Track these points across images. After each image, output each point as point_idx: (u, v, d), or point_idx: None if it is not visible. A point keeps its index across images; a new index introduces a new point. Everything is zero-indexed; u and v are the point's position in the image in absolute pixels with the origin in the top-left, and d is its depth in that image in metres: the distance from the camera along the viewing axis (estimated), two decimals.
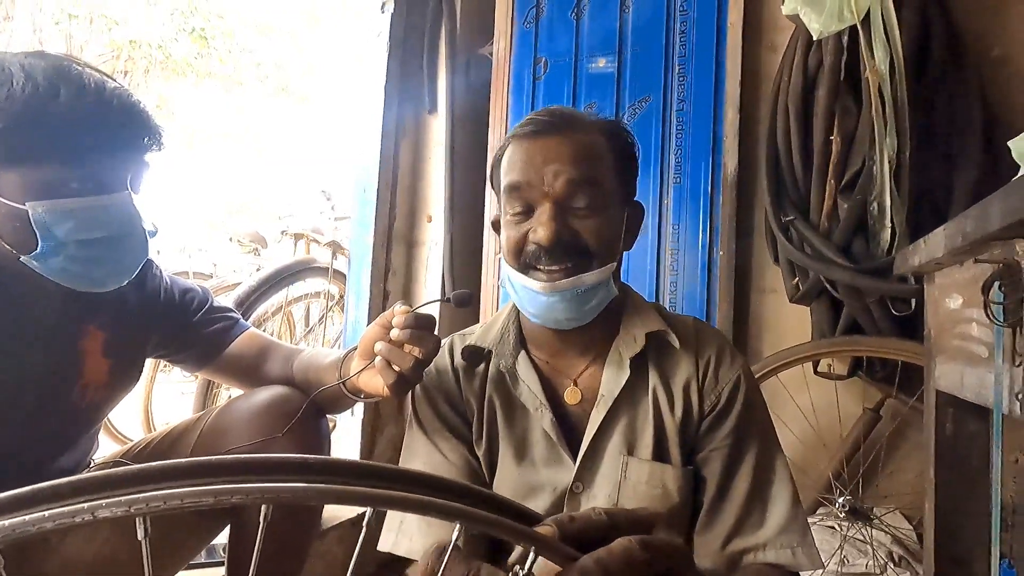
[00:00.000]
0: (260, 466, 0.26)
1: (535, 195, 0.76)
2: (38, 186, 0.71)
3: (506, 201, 0.79)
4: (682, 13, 1.70)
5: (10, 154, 0.70)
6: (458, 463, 0.82)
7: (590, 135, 0.79)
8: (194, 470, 0.26)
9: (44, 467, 0.87)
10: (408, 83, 1.83)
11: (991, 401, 0.74)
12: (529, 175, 0.76)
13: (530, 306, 0.79)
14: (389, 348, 0.75)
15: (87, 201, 0.74)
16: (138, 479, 0.25)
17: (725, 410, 0.80)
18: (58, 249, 0.74)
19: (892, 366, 1.49)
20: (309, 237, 2.54)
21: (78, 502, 0.24)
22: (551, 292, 0.75)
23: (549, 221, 0.74)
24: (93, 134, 0.73)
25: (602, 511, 0.33)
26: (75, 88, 0.71)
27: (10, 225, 0.72)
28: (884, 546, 1.46)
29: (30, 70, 0.70)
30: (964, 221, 0.73)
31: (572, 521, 0.31)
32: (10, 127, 0.68)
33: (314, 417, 0.93)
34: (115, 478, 0.25)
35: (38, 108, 0.69)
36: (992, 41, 1.55)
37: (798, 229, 1.55)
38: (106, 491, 0.24)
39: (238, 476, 0.26)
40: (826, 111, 1.49)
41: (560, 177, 0.75)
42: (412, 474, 0.28)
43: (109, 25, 6.17)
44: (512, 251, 0.78)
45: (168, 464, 0.26)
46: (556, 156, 0.75)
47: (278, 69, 7.56)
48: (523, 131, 0.79)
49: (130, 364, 0.95)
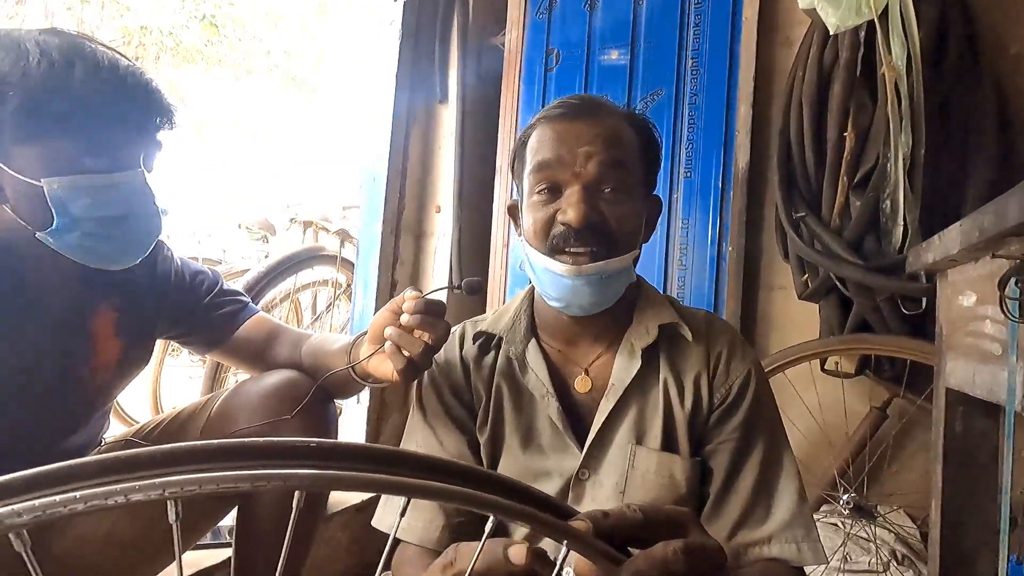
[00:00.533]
0: (291, 450, 0.26)
1: (565, 175, 0.75)
2: (53, 162, 0.72)
3: (533, 181, 0.78)
4: (697, 6, 1.69)
5: (26, 130, 0.70)
6: (454, 453, 0.82)
7: (620, 122, 0.79)
8: (224, 452, 0.25)
9: (55, 446, 0.88)
10: (419, 72, 1.83)
11: (1003, 398, 0.74)
12: (561, 153, 0.75)
13: (552, 290, 0.78)
14: (399, 333, 0.75)
15: (101, 178, 0.75)
16: (167, 460, 0.24)
17: (735, 403, 0.79)
18: (73, 225, 0.74)
19: (900, 365, 1.49)
20: (318, 225, 2.55)
21: (106, 482, 0.23)
22: (576, 276, 0.75)
23: (579, 203, 0.74)
24: (107, 110, 0.73)
25: (637, 508, 0.32)
26: (90, 65, 0.72)
27: (26, 202, 0.73)
28: (887, 544, 1.46)
29: (45, 46, 0.70)
30: (982, 217, 0.72)
31: (606, 517, 0.31)
32: (26, 102, 0.69)
33: (322, 402, 0.94)
34: (144, 458, 0.24)
35: (53, 84, 0.69)
36: (1009, 39, 1.53)
37: (809, 225, 1.54)
38: (135, 472, 0.24)
39: (267, 460, 0.25)
40: (841, 106, 1.48)
41: (592, 159, 0.74)
42: (449, 465, 0.28)
43: (121, 11, 6.19)
44: (538, 233, 0.77)
45: (198, 445, 0.25)
46: (589, 138, 0.75)
47: (288, 58, 7.56)
48: (554, 113, 0.78)
49: (141, 344, 0.95)
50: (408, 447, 0.86)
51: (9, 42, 0.70)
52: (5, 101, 0.68)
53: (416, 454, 0.27)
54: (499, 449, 0.84)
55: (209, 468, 0.24)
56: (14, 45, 0.70)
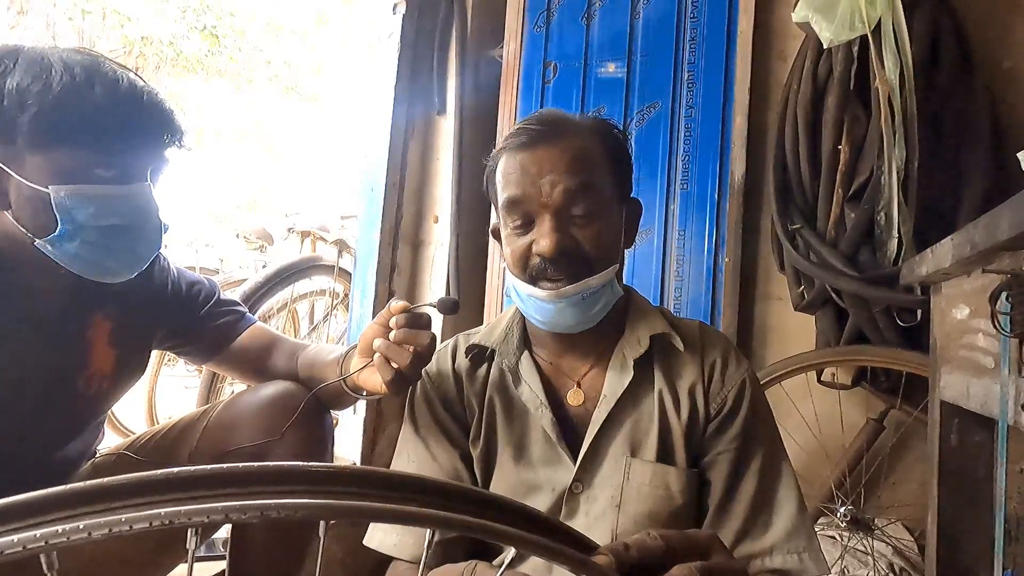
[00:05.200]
0: (306, 476, 0.25)
1: (534, 207, 0.76)
2: (63, 171, 0.73)
3: (505, 215, 0.79)
4: (693, 20, 1.70)
5: (39, 139, 0.72)
6: (446, 466, 0.82)
7: (582, 139, 0.79)
8: (237, 478, 0.24)
9: (50, 455, 0.87)
10: (418, 83, 1.84)
11: (997, 412, 0.74)
12: (526, 188, 0.76)
13: (537, 314, 0.80)
14: (387, 345, 0.76)
15: (109, 189, 0.76)
16: (178, 486, 0.24)
17: (731, 413, 0.79)
18: (75, 234, 0.75)
19: (896, 376, 1.49)
20: (315, 235, 2.55)
21: (118, 509, 0.23)
22: (557, 299, 0.76)
23: (551, 232, 0.75)
24: (121, 126, 0.76)
25: (657, 535, 0.32)
26: (109, 82, 0.75)
27: (30, 208, 0.74)
28: (885, 557, 1.45)
29: (68, 62, 0.73)
30: (973, 231, 0.73)
31: (627, 550, 0.31)
32: (44, 112, 0.70)
33: (318, 413, 0.93)
34: (158, 482, 0.24)
35: (73, 97, 0.72)
36: (1003, 53, 1.54)
37: (804, 237, 1.54)
38: (141, 497, 0.23)
39: (292, 487, 0.25)
40: (835, 119, 1.49)
41: (557, 187, 0.75)
42: (469, 493, 0.28)
43: (121, 21, 6.22)
44: (517, 263, 0.79)
45: (215, 470, 0.25)
46: (551, 166, 0.75)
47: (287, 68, 7.60)
48: (515, 143, 0.79)
49: (136, 355, 0.95)
50: (400, 460, 0.86)
51: (34, 56, 0.73)
52: (24, 110, 0.70)
53: (436, 481, 0.27)
54: (492, 462, 0.83)
55: (227, 495, 0.24)
56: (39, 59, 0.73)
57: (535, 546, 0.27)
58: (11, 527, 0.22)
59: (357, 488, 0.25)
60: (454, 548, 0.76)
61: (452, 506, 0.26)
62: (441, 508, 0.26)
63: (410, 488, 0.26)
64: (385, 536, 0.79)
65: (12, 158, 0.72)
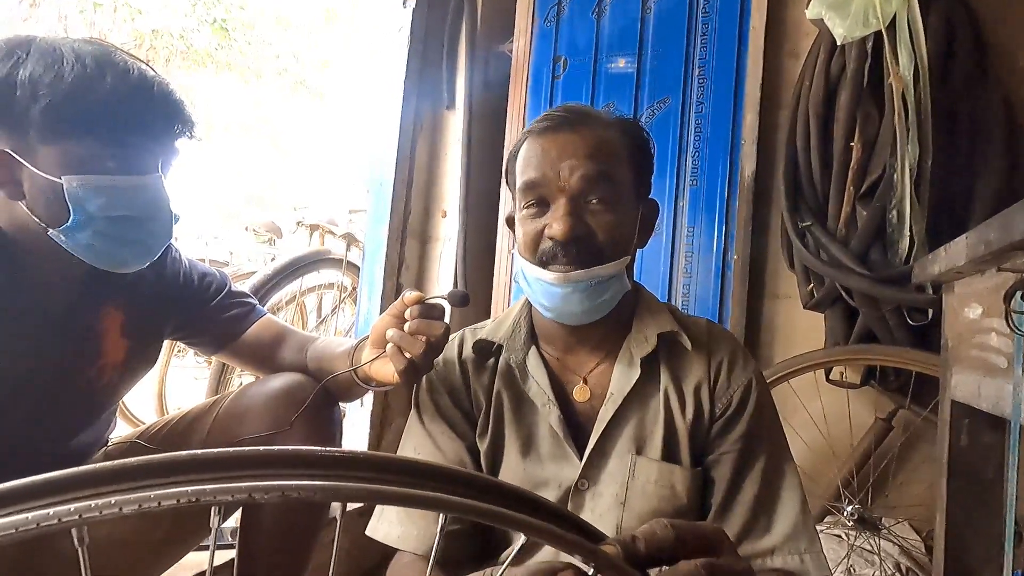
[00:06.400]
0: (323, 460, 0.26)
1: (550, 190, 0.76)
2: (75, 161, 0.74)
3: (521, 197, 0.79)
4: (704, 15, 1.69)
5: (52, 129, 0.72)
6: (452, 458, 0.82)
7: (606, 131, 0.79)
8: (257, 460, 0.25)
9: (62, 444, 0.88)
10: (427, 78, 1.84)
11: (1008, 412, 0.73)
12: (544, 170, 0.76)
13: (544, 299, 0.79)
14: (400, 334, 0.76)
15: (121, 179, 0.76)
16: (203, 466, 0.25)
17: (736, 413, 0.79)
18: (87, 224, 0.75)
19: (906, 376, 1.48)
20: (324, 228, 2.56)
21: (147, 487, 0.23)
22: (564, 283, 0.76)
23: (564, 216, 0.75)
24: (133, 117, 0.76)
25: (668, 524, 0.32)
26: (120, 72, 0.75)
27: (43, 198, 0.75)
28: (891, 557, 1.45)
29: (80, 53, 0.73)
30: (987, 230, 0.72)
31: (635, 541, 0.31)
32: (56, 103, 0.71)
33: (327, 405, 0.94)
34: (184, 463, 0.25)
35: (84, 87, 0.72)
36: (1018, 51, 1.53)
37: (815, 235, 1.53)
38: (167, 476, 0.24)
39: (310, 470, 0.25)
40: (847, 116, 1.48)
41: (576, 172, 0.75)
42: (480, 481, 0.28)
43: (132, 14, 6.25)
44: (528, 246, 0.79)
45: (239, 451, 0.26)
46: (571, 151, 0.76)
47: (296, 62, 7.61)
48: (539, 127, 0.79)
49: (147, 345, 0.96)
50: (405, 451, 0.86)
51: (46, 46, 0.73)
52: (37, 100, 0.71)
53: (450, 469, 0.28)
54: (499, 457, 0.83)
55: (250, 476, 0.25)
56: (50, 50, 0.73)
57: (545, 533, 0.27)
58: (46, 502, 0.23)
59: (375, 473, 0.26)
60: (458, 540, 0.77)
61: (465, 493, 0.27)
62: (453, 495, 0.26)
63: (424, 475, 0.27)
64: (390, 528, 0.80)
65: (25, 148, 0.73)
